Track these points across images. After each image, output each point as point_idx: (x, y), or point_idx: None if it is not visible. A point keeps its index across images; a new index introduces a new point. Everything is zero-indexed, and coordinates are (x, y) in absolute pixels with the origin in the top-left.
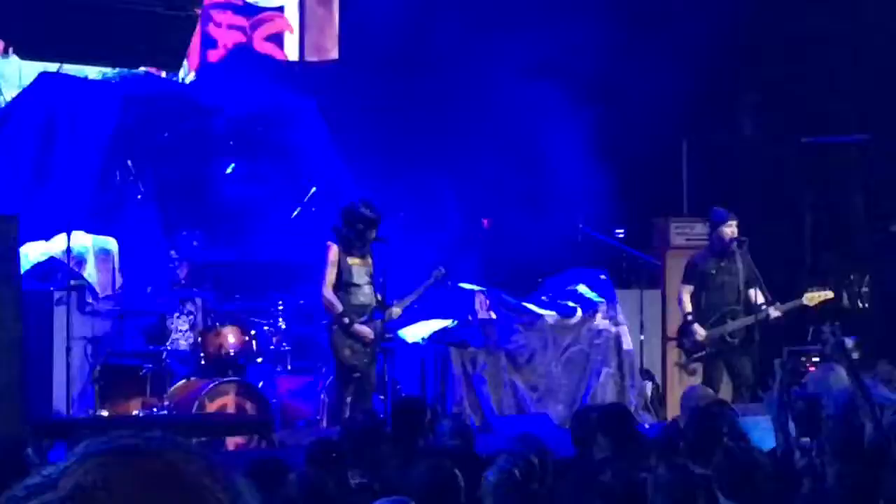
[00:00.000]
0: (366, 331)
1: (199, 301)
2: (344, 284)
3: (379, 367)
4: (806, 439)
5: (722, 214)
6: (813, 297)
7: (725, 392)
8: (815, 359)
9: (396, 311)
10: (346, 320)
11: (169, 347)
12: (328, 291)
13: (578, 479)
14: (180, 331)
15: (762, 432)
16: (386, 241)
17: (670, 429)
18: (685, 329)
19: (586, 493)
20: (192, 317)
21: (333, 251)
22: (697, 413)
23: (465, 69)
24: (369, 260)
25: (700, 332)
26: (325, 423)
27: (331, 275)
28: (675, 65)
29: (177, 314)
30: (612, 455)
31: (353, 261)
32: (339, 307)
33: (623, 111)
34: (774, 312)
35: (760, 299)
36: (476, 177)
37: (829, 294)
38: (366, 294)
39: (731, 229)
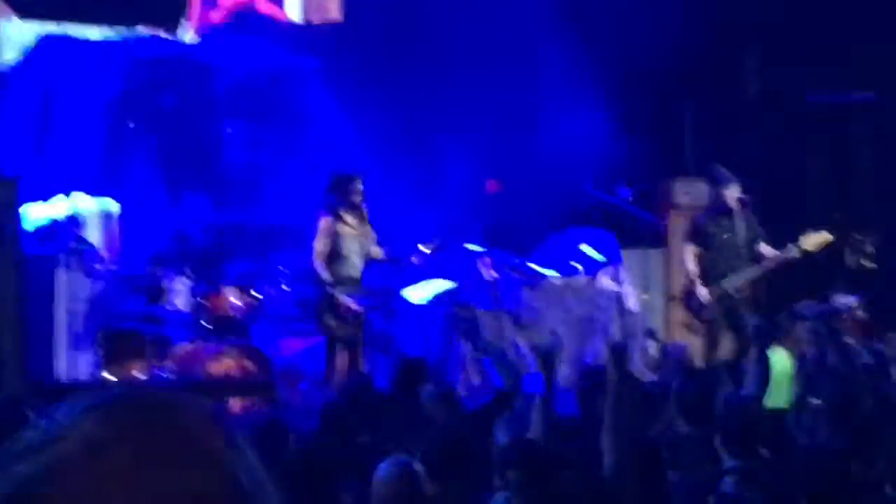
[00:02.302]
0: (351, 302)
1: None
2: (334, 255)
3: (382, 327)
4: (816, 400)
5: (724, 176)
6: (809, 240)
7: (727, 350)
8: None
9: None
10: (333, 291)
11: (170, 310)
12: (318, 262)
13: (585, 439)
14: (176, 290)
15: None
16: (388, 203)
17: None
18: (691, 291)
19: (593, 454)
20: (188, 280)
21: (325, 222)
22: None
23: (468, 29)
24: (366, 229)
25: (704, 293)
26: None
27: (320, 245)
28: (678, 24)
29: (170, 280)
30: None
31: (345, 229)
32: (327, 278)
33: (627, 72)
34: (774, 262)
35: (771, 254)
36: (481, 138)
37: (827, 236)
38: (355, 267)
39: (732, 192)
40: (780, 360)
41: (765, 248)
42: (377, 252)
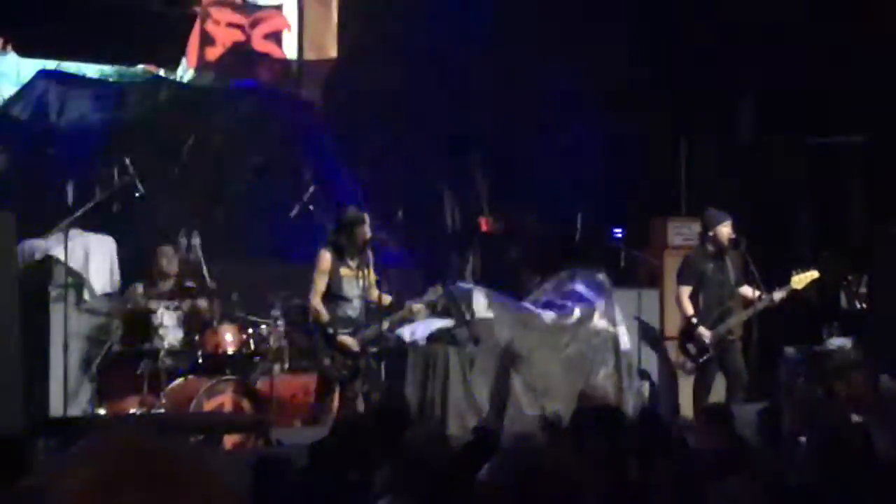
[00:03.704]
0: (350, 342)
1: (188, 300)
2: (332, 296)
3: (376, 366)
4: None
5: (718, 215)
6: (801, 280)
7: (719, 391)
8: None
9: (384, 327)
10: (330, 331)
11: (166, 346)
12: (316, 300)
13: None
14: (166, 326)
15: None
16: (383, 240)
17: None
18: (689, 332)
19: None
20: (179, 312)
21: (325, 260)
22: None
23: (463, 64)
24: (366, 272)
25: (706, 333)
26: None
27: (319, 283)
28: (674, 63)
29: (163, 309)
30: (606, 458)
31: (345, 272)
32: (325, 317)
33: (621, 110)
34: (765, 303)
35: (755, 296)
36: (475, 175)
37: (815, 274)
38: (354, 308)
39: (727, 229)
40: None
41: (745, 291)
42: (377, 295)
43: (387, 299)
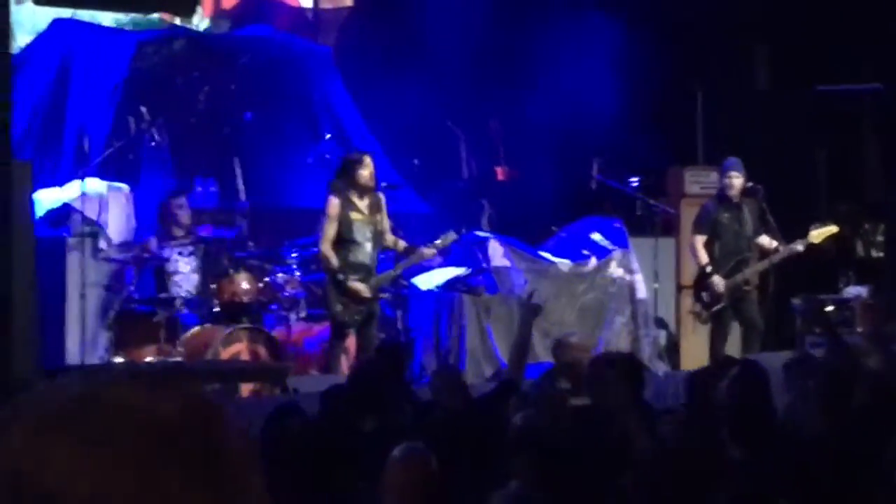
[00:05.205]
0: (359, 287)
1: (201, 246)
2: (343, 241)
3: (392, 314)
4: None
5: (726, 164)
6: (819, 234)
7: (734, 341)
8: (830, 307)
9: (396, 272)
10: (341, 277)
11: (183, 294)
12: (325, 246)
13: (595, 427)
14: (182, 272)
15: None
16: (396, 187)
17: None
18: (704, 281)
19: (602, 441)
20: (193, 258)
21: (333, 205)
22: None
23: (480, 15)
24: (377, 217)
25: (720, 283)
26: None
27: (329, 229)
28: (689, 14)
29: (176, 257)
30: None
31: (355, 216)
32: (335, 262)
33: (637, 60)
34: (782, 255)
35: (773, 246)
36: (492, 125)
37: (834, 228)
38: (365, 253)
39: (731, 180)
40: None
41: (764, 240)
42: (392, 240)
43: (402, 245)
